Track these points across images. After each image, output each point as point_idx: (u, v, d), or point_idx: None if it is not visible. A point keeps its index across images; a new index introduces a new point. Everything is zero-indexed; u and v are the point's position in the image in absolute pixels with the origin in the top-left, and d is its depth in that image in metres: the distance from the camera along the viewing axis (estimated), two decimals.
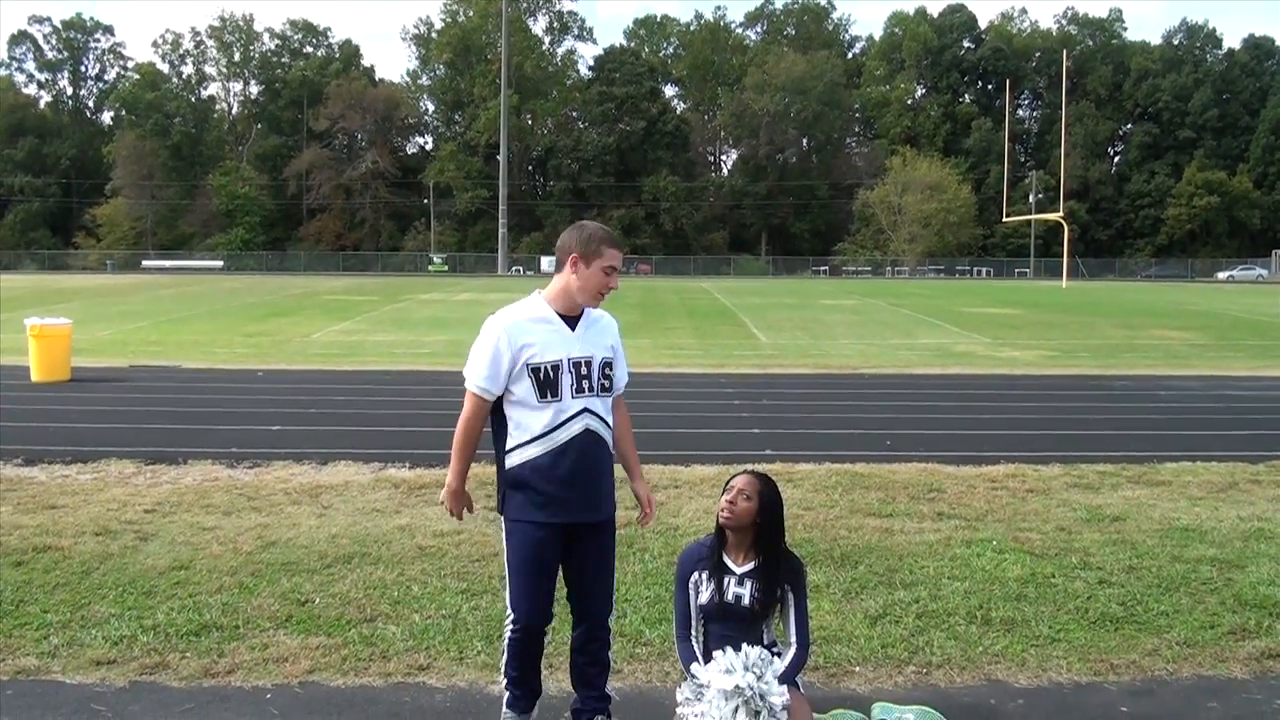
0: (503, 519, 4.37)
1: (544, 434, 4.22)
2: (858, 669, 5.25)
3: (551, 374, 4.20)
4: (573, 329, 4.29)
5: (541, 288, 4.43)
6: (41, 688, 4.98)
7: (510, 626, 4.37)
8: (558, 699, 4.83)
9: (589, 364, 4.29)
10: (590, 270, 4.26)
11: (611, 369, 4.41)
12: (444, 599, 6.15)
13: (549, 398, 4.21)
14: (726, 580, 4.42)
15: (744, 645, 4.18)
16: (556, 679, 5.01)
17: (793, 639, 4.44)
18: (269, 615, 5.90)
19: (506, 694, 4.47)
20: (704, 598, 4.42)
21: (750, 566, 4.44)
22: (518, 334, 4.22)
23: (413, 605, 6.07)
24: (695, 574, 4.48)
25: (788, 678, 4.26)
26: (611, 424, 4.41)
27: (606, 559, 4.47)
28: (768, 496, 4.45)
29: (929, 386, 17.21)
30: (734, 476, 4.52)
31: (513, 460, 4.28)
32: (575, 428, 4.25)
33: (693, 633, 4.48)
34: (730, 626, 4.39)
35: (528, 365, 4.19)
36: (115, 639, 5.51)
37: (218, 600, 6.12)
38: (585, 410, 4.27)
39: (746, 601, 4.39)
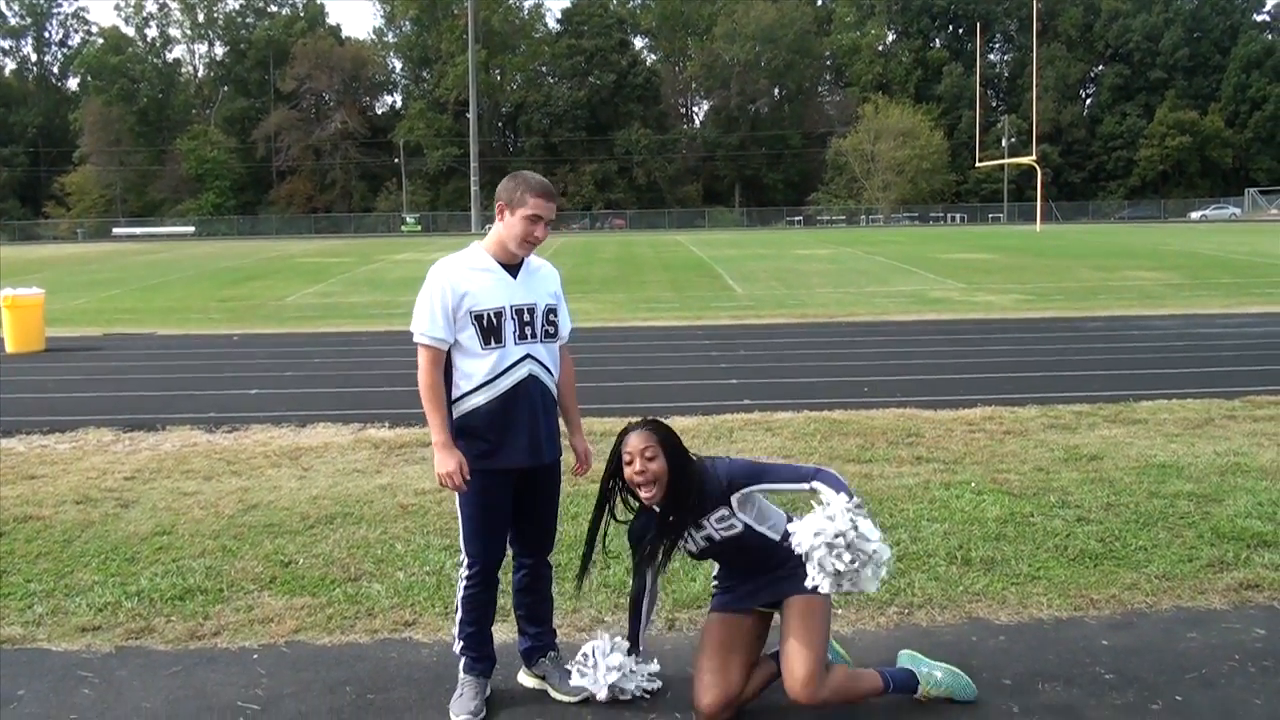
0: None
1: (488, 381, 4.26)
2: (840, 610, 5.29)
3: (494, 320, 4.24)
4: (514, 276, 4.32)
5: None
6: (28, 656, 4.98)
7: (467, 573, 4.41)
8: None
9: (531, 311, 4.31)
10: (514, 219, 4.27)
11: (556, 316, 4.43)
12: (427, 556, 6.17)
13: (492, 344, 4.24)
14: (686, 536, 4.30)
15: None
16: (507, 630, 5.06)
17: (804, 484, 4.18)
18: (253, 577, 5.90)
19: (464, 659, 4.46)
20: (686, 550, 4.35)
21: (687, 514, 4.25)
22: (459, 282, 4.26)
23: (396, 563, 6.09)
24: (651, 546, 4.33)
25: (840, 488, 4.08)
26: (555, 371, 4.43)
27: (551, 499, 4.52)
28: (670, 444, 4.21)
29: (905, 332, 17.26)
30: (623, 435, 4.25)
31: (460, 408, 4.31)
32: (519, 373, 4.28)
33: (648, 589, 4.44)
34: (731, 558, 4.36)
35: (470, 312, 4.23)
36: (100, 606, 5.51)
37: (201, 564, 6.12)
38: (528, 356, 4.30)
39: (719, 535, 4.24)
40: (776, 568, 4.26)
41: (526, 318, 4.30)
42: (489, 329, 4.23)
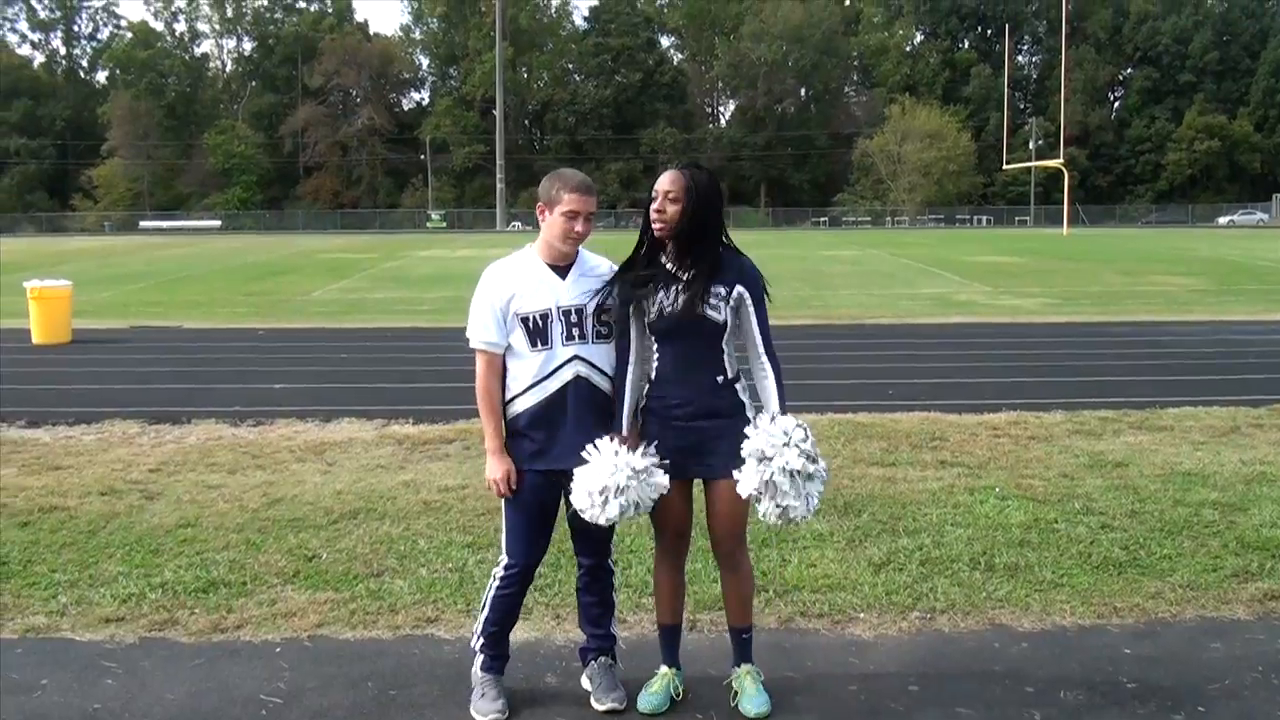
0: None
1: (536, 383, 4.27)
2: (862, 615, 5.28)
3: (541, 323, 4.25)
4: (563, 278, 4.31)
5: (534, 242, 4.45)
6: (51, 645, 5.01)
7: (503, 572, 4.42)
8: (566, 648, 4.87)
9: (580, 312, 4.29)
10: (554, 217, 4.26)
11: (609, 316, 4.35)
12: (450, 553, 6.18)
13: (539, 346, 4.25)
14: (673, 288, 4.17)
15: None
16: (564, 629, 5.06)
17: (763, 356, 4.28)
18: (276, 571, 5.93)
19: (481, 656, 4.47)
20: (651, 315, 4.18)
21: (694, 272, 4.17)
22: (506, 285, 4.28)
23: (419, 560, 6.10)
24: (636, 290, 4.23)
25: (784, 404, 4.24)
26: (610, 371, 4.34)
27: None
28: (699, 191, 4.13)
29: (930, 335, 17.21)
30: (662, 171, 4.25)
31: (512, 410, 4.34)
32: (565, 375, 4.26)
33: (630, 363, 4.26)
34: (685, 346, 4.18)
35: (517, 315, 4.25)
36: (124, 597, 5.54)
37: (225, 557, 6.15)
38: (576, 358, 4.27)
39: (699, 308, 4.12)
40: (713, 414, 4.20)
41: (574, 319, 4.27)
42: (535, 331, 4.24)
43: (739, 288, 4.19)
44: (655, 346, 4.26)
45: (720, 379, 4.22)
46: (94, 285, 28.46)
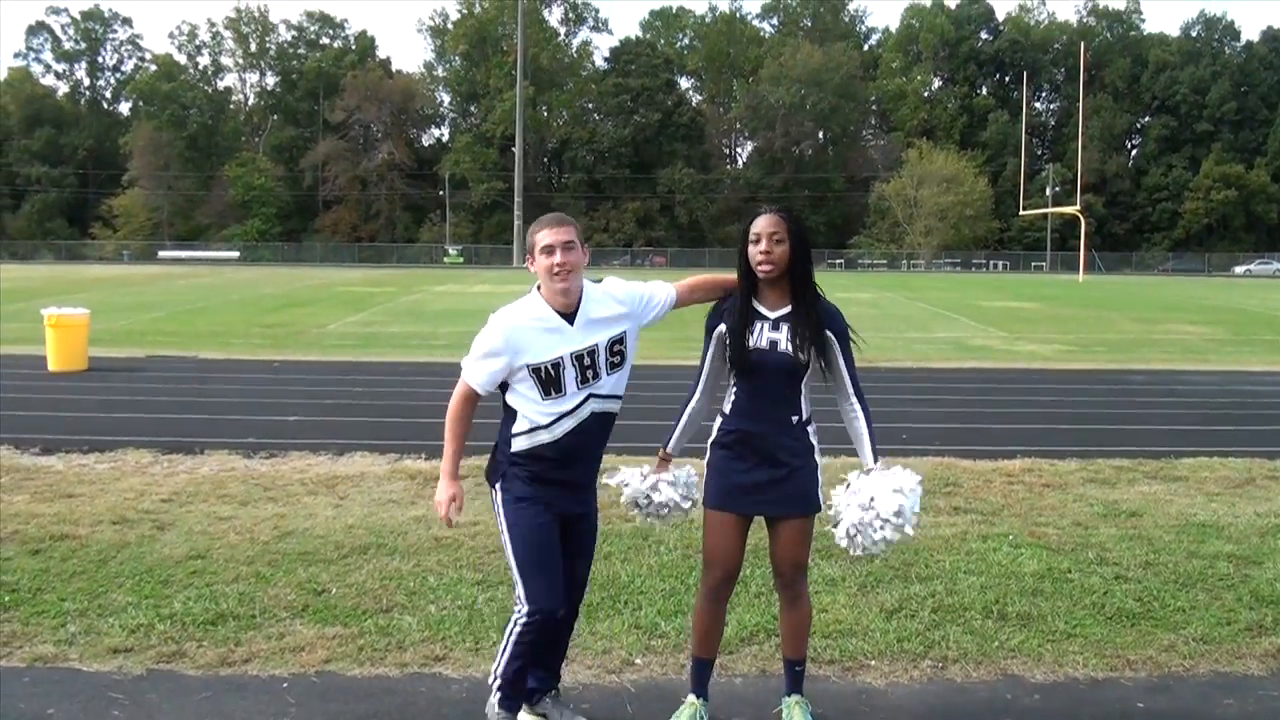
0: (499, 503, 4.35)
1: (549, 424, 4.26)
2: (873, 663, 5.25)
3: (553, 372, 4.23)
4: (572, 323, 4.28)
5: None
6: (59, 675, 5.00)
7: (524, 619, 4.24)
8: (573, 689, 4.84)
9: (593, 354, 4.29)
10: (537, 259, 4.27)
11: (623, 344, 4.37)
12: (460, 590, 6.16)
13: (553, 395, 4.24)
14: (760, 326, 4.27)
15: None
16: (572, 670, 5.03)
17: (853, 397, 4.45)
18: (285, 605, 5.92)
19: (499, 694, 4.36)
20: (736, 351, 4.28)
21: (786, 310, 4.28)
22: (517, 339, 4.22)
23: (429, 596, 6.09)
24: (723, 326, 4.34)
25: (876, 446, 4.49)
26: (620, 393, 4.41)
27: (590, 548, 4.54)
28: (798, 233, 4.25)
29: (945, 380, 17.17)
30: (753, 220, 4.26)
31: (518, 445, 4.30)
32: (581, 415, 4.28)
33: (698, 393, 4.50)
34: (765, 383, 4.28)
35: (528, 367, 4.22)
36: (132, 627, 5.54)
37: (234, 590, 6.14)
38: (590, 396, 4.29)
39: (784, 346, 4.24)
40: (785, 453, 4.36)
41: (588, 361, 4.27)
42: (548, 380, 4.23)
43: (825, 331, 4.31)
44: (734, 382, 4.35)
45: (795, 419, 4.34)
46: (111, 314, 28.57)
